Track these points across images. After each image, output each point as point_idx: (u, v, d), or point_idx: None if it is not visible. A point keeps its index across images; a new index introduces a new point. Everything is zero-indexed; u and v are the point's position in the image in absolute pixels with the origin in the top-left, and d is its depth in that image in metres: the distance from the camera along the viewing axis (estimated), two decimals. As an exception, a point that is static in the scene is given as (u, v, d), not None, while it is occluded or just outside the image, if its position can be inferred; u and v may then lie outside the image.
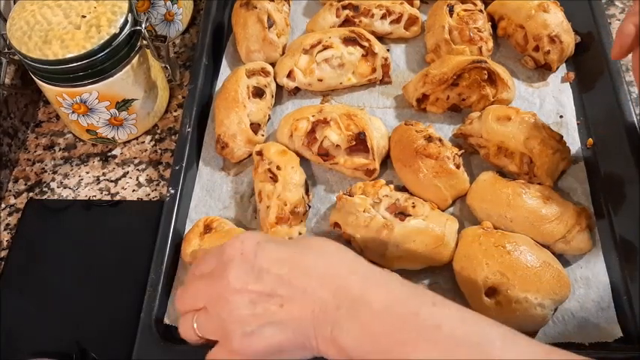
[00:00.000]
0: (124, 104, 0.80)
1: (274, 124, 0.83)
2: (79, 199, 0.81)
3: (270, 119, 0.83)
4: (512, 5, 0.84)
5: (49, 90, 0.77)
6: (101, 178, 0.83)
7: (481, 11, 0.85)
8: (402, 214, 0.68)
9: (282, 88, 0.85)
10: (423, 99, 0.80)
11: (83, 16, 0.74)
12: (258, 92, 0.81)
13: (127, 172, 0.83)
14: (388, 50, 0.87)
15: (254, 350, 0.49)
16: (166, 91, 0.89)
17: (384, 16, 0.87)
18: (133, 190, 0.81)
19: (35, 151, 0.87)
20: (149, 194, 0.81)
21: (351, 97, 0.85)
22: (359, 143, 0.74)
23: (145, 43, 0.79)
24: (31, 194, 0.82)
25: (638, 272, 0.65)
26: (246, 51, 0.86)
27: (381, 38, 0.88)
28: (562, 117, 0.79)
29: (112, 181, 0.83)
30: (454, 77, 0.77)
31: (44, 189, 0.83)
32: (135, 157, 0.85)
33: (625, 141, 0.72)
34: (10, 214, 0.80)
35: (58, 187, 0.83)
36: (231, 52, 0.90)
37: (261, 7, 0.85)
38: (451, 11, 0.85)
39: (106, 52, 0.73)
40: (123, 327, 0.67)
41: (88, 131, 0.82)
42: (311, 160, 0.77)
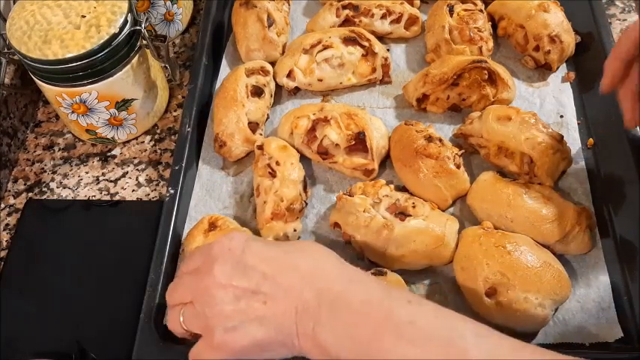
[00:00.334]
0: (123, 104, 0.80)
1: (274, 123, 0.82)
2: (78, 199, 0.81)
3: (268, 118, 0.82)
4: (513, 5, 0.84)
5: (48, 90, 0.77)
6: (101, 178, 0.83)
7: (481, 11, 0.85)
8: (402, 214, 0.68)
9: (281, 87, 0.85)
10: (423, 99, 0.80)
11: (83, 16, 0.74)
12: (257, 91, 0.81)
13: (127, 172, 0.83)
14: (388, 50, 0.87)
15: (235, 346, 0.50)
16: (166, 91, 0.89)
17: (384, 16, 0.87)
18: (133, 190, 0.81)
19: (35, 151, 0.87)
20: (149, 194, 0.81)
21: (351, 97, 0.84)
22: (358, 143, 0.74)
23: (145, 42, 0.79)
24: (30, 194, 0.82)
25: (638, 272, 0.65)
26: (246, 50, 0.86)
27: (381, 38, 0.88)
28: (562, 117, 0.79)
29: (111, 181, 0.82)
30: (454, 77, 0.77)
31: (44, 189, 0.83)
32: (134, 157, 0.85)
33: (625, 141, 0.72)
34: (9, 214, 0.80)
35: (57, 187, 0.83)
36: (231, 51, 0.90)
37: (260, 7, 0.85)
38: (451, 11, 0.84)
39: (105, 52, 0.73)
40: (123, 327, 0.67)
41: (87, 131, 0.82)
42: (310, 158, 0.77)
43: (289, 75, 0.83)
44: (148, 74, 0.82)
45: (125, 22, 0.74)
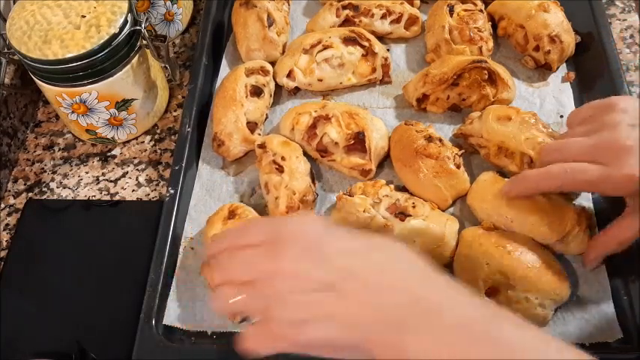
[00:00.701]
0: (123, 104, 0.80)
1: (273, 123, 0.82)
2: (78, 199, 0.81)
3: (267, 118, 0.82)
4: (513, 5, 0.84)
5: (48, 90, 0.77)
6: (101, 178, 0.83)
7: (481, 11, 0.85)
8: (402, 214, 0.68)
9: (281, 87, 0.85)
10: (423, 99, 0.80)
11: (83, 16, 0.74)
12: (257, 91, 0.81)
13: (127, 172, 0.83)
14: (388, 50, 0.87)
15: (297, 339, 0.46)
16: (166, 91, 0.89)
17: (384, 16, 0.87)
18: (133, 190, 0.81)
19: (35, 151, 0.87)
20: (149, 194, 0.81)
21: (351, 97, 0.84)
22: (358, 142, 0.74)
23: (145, 42, 0.79)
24: (30, 194, 0.82)
25: (638, 272, 0.65)
26: (247, 50, 0.86)
27: (381, 38, 0.88)
28: (562, 117, 0.79)
29: (111, 181, 0.82)
30: (454, 77, 0.77)
31: (43, 189, 0.83)
32: (134, 157, 0.85)
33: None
34: (9, 214, 0.80)
35: (57, 187, 0.83)
36: (231, 51, 0.90)
37: (260, 6, 0.85)
38: (451, 11, 0.84)
39: (105, 52, 0.73)
40: (123, 327, 0.67)
41: (87, 131, 0.82)
42: (310, 154, 0.77)
43: (289, 75, 0.83)
44: (147, 74, 0.82)
45: (125, 22, 0.74)
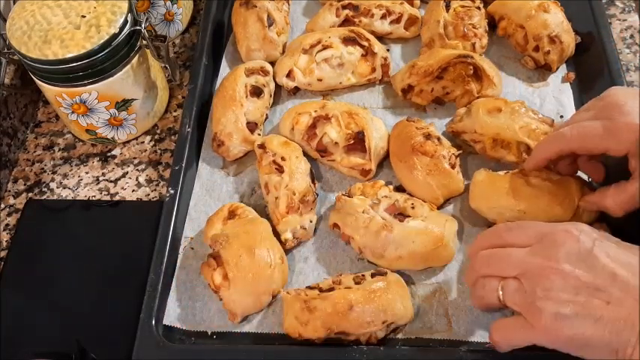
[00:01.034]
0: (123, 104, 0.80)
1: (273, 123, 0.83)
2: (78, 199, 0.81)
3: (267, 118, 0.82)
4: (513, 5, 0.84)
5: (48, 90, 0.77)
6: (100, 179, 0.83)
7: (478, 8, 0.85)
8: (402, 215, 0.68)
9: (281, 87, 0.85)
10: (408, 90, 0.80)
11: (83, 16, 0.74)
12: (257, 91, 0.81)
13: (127, 173, 0.83)
14: (388, 50, 0.87)
15: (560, 334, 0.48)
16: (166, 91, 0.89)
17: (383, 16, 0.87)
18: (133, 190, 0.81)
19: (35, 152, 0.87)
20: (149, 194, 0.81)
21: (350, 97, 0.84)
22: (357, 142, 0.74)
23: (145, 43, 0.79)
24: (30, 194, 0.82)
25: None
26: (247, 50, 0.86)
27: (381, 38, 0.88)
28: (562, 117, 0.79)
29: (111, 181, 0.82)
30: (439, 70, 0.77)
31: (43, 189, 0.83)
32: (134, 158, 0.85)
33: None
34: (9, 215, 0.80)
35: (57, 188, 0.83)
36: (231, 51, 0.90)
37: (260, 6, 0.85)
38: (448, 7, 0.85)
39: (105, 52, 0.73)
40: (123, 327, 0.67)
41: (87, 131, 0.82)
42: (310, 154, 0.77)
43: (289, 75, 0.83)
44: (148, 74, 0.82)
45: (125, 22, 0.74)
